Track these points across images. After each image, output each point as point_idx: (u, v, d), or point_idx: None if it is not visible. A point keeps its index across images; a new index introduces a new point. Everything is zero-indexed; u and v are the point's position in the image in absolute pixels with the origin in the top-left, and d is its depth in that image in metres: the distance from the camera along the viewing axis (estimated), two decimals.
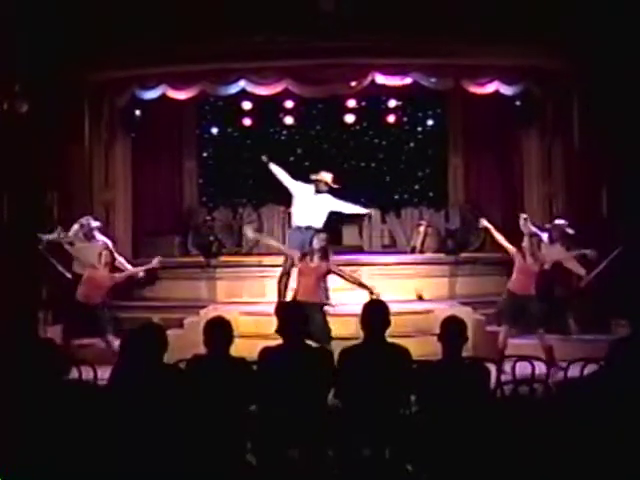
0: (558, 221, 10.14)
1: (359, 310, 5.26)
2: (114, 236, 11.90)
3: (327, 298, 8.82)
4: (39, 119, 10.17)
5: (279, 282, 9.93)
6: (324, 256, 8.54)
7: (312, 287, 8.37)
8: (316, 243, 8.61)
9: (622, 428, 3.92)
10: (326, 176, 10.09)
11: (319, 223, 9.94)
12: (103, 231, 10.45)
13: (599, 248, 9.91)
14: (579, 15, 10.18)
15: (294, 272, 9.10)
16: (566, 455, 4.07)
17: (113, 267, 9.31)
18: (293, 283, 9.38)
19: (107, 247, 9.51)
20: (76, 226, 10.11)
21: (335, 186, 10.09)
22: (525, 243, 9.15)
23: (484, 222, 9.60)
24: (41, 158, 10.36)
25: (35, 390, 4.15)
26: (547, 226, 9.77)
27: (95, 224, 10.19)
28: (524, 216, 9.76)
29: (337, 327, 8.62)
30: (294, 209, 10.20)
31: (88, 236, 10.04)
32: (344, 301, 10.24)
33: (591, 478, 3.98)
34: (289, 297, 9.56)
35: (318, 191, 10.01)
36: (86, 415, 4.22)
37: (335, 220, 12.20)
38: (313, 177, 10.11)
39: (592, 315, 10.59)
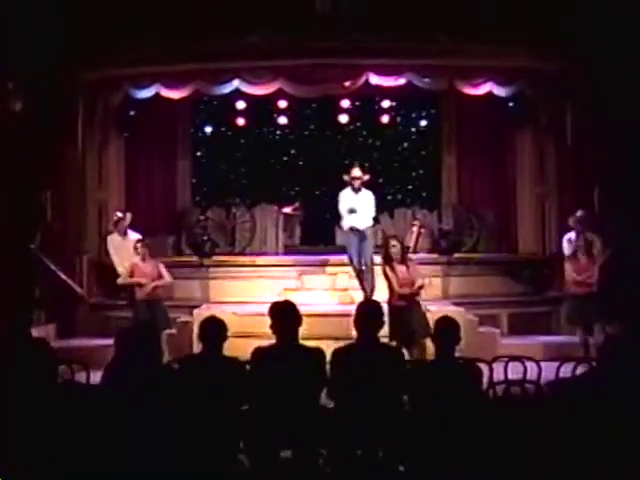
0: (578, 213, 9.90)
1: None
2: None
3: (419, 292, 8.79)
4: (33, 118, 10.16)
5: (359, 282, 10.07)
6: (404, 259, 8.71)
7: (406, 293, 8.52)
8: (394, 252, 8.68)
9: (613, 427, 3.94)
10: (357, 172, 10.18)
11: (370, 221, 10.10)
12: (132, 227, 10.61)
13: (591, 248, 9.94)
14: (572, 17, 10.21)
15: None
16: (558, 454, 4.09)
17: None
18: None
19: (140, 240, 9.69)
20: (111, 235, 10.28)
21: (366, 177, 10.22)
22: (578, 243, 9.18)
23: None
24: (35, 157, 10.35)
25: (28, 390, 4.15)
26: (571, 223, 9.74)
27: (128, 217, 10.39)
28: (578, 214, 9.74)
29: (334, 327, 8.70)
30: (344, 213, 10.12)
31: (121, 231, 10.23)
32: (330, 301, 10.36)
33: (583, 476, 4.00)
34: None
35: (355, 189, 10.09)
36: (79, 415, 4.22)
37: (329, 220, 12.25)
38: (346, 178, 10.18)
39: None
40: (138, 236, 10.13)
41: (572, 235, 9.58)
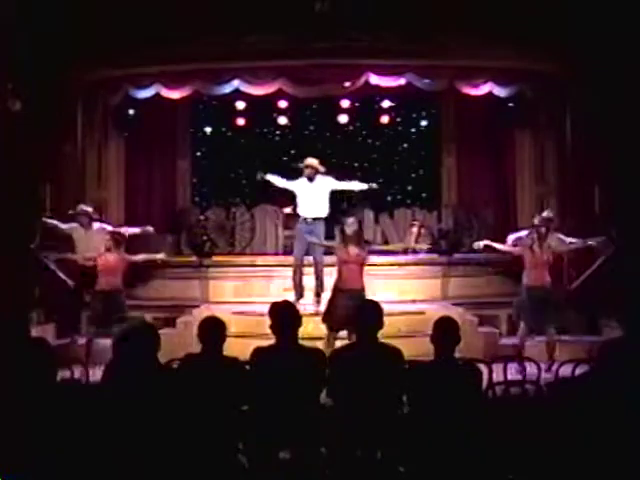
0: (545, 213, 9.92)
1: None
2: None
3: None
4: (32, 118, 10.15)
5: (294, 277, 9.98)
6: (359, 242, 8.54)
7: (355, 275, 8.40)
8: (349, 229, 8.56)
9: (613, 427, 3.94)
10: (311, 161, 10.08)
11: (323, 211, 9.99)
12: (101, 219, 10.55)
13: (591, 249, 9.95)
14: (572, 17, 10.21)
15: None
16: (557, 455, 4.09)
17: (122, 248, 9.35)
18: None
19: (105, 232, 9.65)
20: (73, 224, 10.16)
21: (322, 169, 10.09)
22: (531, 236, 9.17)
23: (480, 244, 9.56)
24: (34, 157, 10.34)
25: (27, 389, 4.15)
26: (535, 222, 9.77)
27: (89, 209, 10.27)
28: (545, 214, 9.75)
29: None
30: (298, 202, 10.15)
31: (84, 224, 10.07)
32: None
33: (583, 477, 4.00)
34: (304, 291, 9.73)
35: (309, 178, 10.01)
36: (78, 414, 4.22)
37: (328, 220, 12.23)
38: (300, 165, 10.12)
39: (582, 316, 10.64)
40: (106, 227, 10.07)
41: (524, 233, 9.54)
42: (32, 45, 10.02)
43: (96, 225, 10.19)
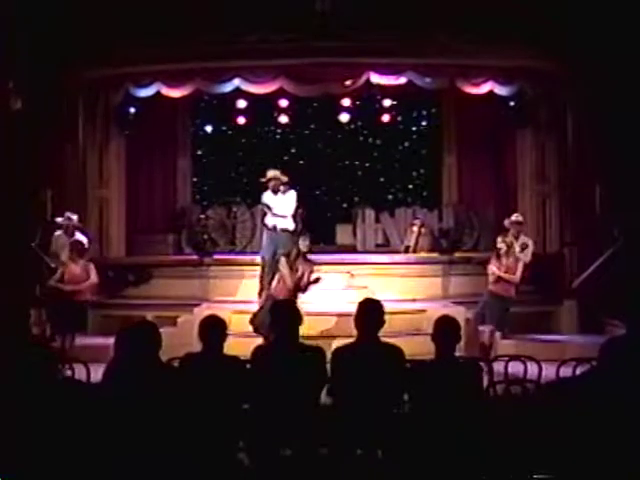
0: (514, 217, 10.05)
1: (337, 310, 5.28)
2: (108, 233, 11.94)
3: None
4: (34, 116, 10.16)
5: (263, 276, 10.06)
6: (306, 259, 8.78)
7: (290, 289, 8.61)
8: (303, 246, 8.71)
9: (613, 427, 3.94)
10: (272, 173, 10.14)
11: (289, 224, 10.09)
12: (82, 228, 10.46)
13: (592, 247, 9.96)
14: (573, 17, 10.22)
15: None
16: (557, 453, 4.09)
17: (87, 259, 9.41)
18: None
19: (75, 241, 9.61)
20: (58, 232, 10.13)
21: (284, 179, 10.16)
22: (501, 245, 9.26)
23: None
24: (35, 155, 10.34)
25: (28, 388, 4.15)
26: (506, 224, 9.85)
27: (74, 217, 10.20)
28: (514, 217, 9.82)
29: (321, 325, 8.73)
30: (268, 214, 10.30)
31: (68, 233, 10.05)
32: (331, 300, 10.33)
33: (582, 476, 4.00)
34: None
35: (274, 191, 10.10)
36: (79, 413, 4.22)
37: (329, 219, 12.26)
38: (262, 180, 10.20)
39: (584, 315, 10.65)
40: (84, 239, 9.99)
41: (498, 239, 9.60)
42: (32, 44, 10.03)
43: (78, 235, 10.09)
